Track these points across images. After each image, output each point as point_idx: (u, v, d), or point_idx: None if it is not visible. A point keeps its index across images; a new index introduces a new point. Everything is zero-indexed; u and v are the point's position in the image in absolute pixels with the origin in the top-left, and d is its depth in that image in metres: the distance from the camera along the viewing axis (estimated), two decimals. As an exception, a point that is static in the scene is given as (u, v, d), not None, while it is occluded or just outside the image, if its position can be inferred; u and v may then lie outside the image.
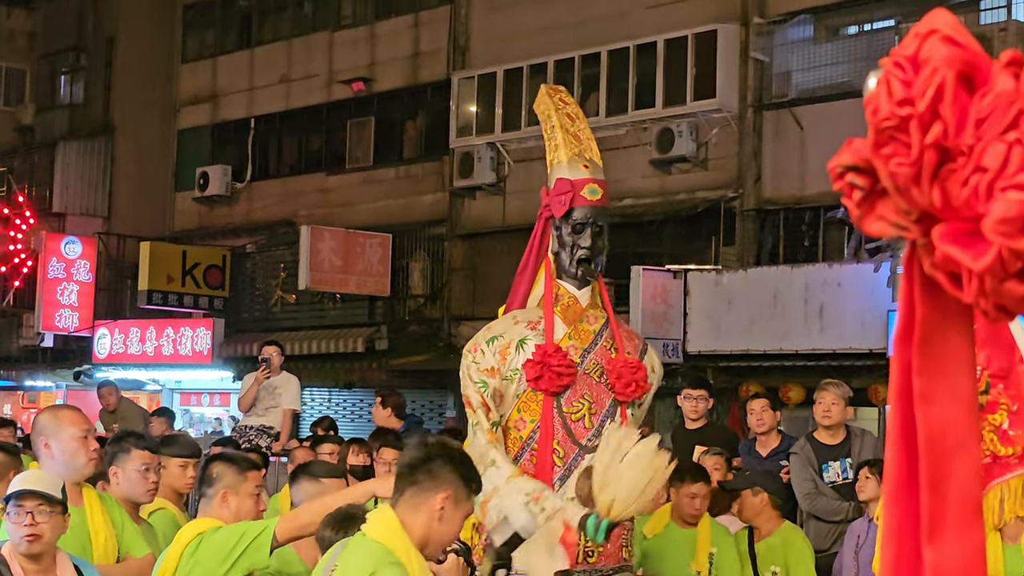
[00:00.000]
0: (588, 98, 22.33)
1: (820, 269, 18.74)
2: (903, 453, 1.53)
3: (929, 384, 1.50)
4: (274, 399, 13.25)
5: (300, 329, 25.97)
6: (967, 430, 1.50)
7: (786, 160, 20.37)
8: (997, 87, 1.37)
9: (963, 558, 1.49)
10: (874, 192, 1.46)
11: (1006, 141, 1.35)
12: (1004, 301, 1.40)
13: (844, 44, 20.41)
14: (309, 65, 27.55)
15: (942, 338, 1.50)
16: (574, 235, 6.62)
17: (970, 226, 1.38)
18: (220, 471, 5.87)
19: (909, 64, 1.40)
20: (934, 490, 1.49)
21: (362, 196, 26.11)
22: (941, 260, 1.41)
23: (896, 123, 1.40)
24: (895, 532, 1.54)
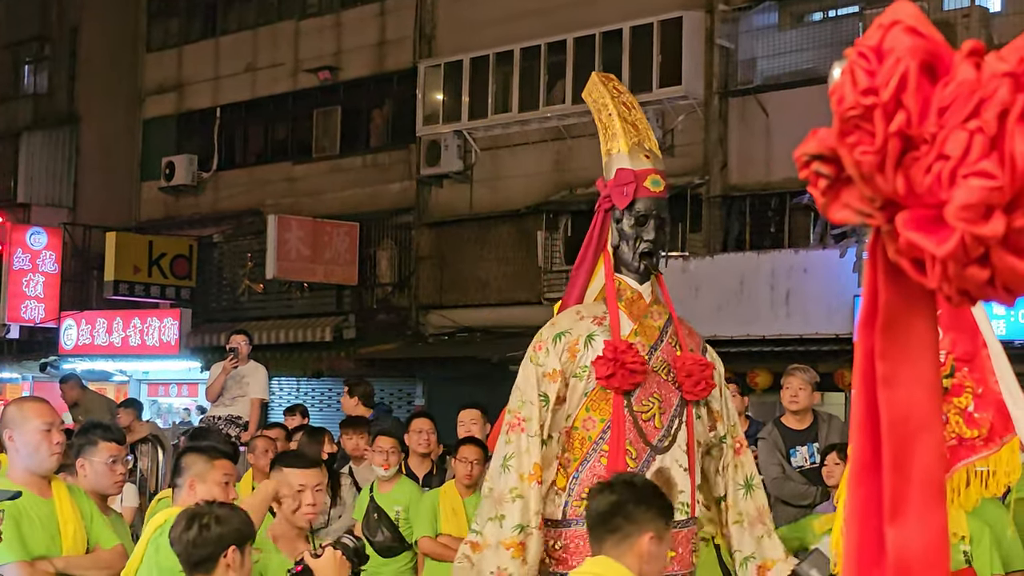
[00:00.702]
0: (554, 86, 22.35)
1: (786, 255, 18.83)
2: (866, 436, 1.56)
3: (892, 368, 1.52)
4: (242, 388, 13.24)
5: (268, 319, 25.93)
6: (930, 413, 1.53)
7: (752, 146, 20.44)
8: (959, 76, 1.40)
9: (926, 539, 1.51)
10: (839, 180, 1.48)
11: (968, 129, 1.38)
12: (967, 286, 1.42)
13: (808, 31, 20.47)
14: (275, 54, 27.48)
15: (906, 323, 1.52)
16: (637, 227, 6.32)
17: (933, 213, 1.40)
18: (190, 460, 5.88)
19: (873, 54, 1.43)
20: (897, 471, 1.52)
21: (329, 185, 26.08)
22: (905, 246, 1.43)
23: (860, 112, 1.42)
24: (858, 513, 1.56)
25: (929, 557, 1.51)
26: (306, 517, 6.09)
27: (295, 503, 6.01)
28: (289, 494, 6.01)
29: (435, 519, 9.43)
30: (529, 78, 22.55)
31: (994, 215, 1.38)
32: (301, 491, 6.02)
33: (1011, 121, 1.37)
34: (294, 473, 6.06)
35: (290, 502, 6.02)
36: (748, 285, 18.82)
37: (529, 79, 22.55)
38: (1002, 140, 1.38)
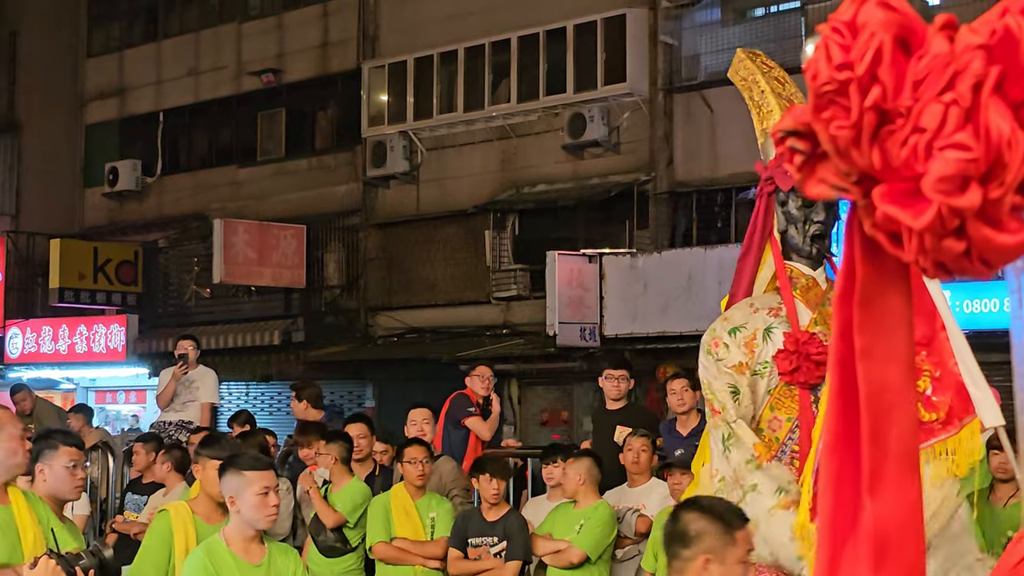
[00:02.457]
0: (499, 85, 22.36)
1: (733, 250, 18.75)
2: (841, 407, 1.57)
3: (870, 341, 1.54)
4: (192, 393, 13.20)
5: (215, 323, 25.78)
6: (904, 387, 1.54)
7: (697, 142, 20.52)
8: (933, 50, 1.41)
9: (902, 509, 1.53)
10: (815, 156, 1.49)
11: (943, 102, 1.39)
12: (943, 258, 1.44)
13: (751, 26, 20.57)
14: (217, 57, 27.34)
15: (882, 297, 1.54)
16: (805, 208, 5.93)
17: (910, 186, 1.42)
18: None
19: (847, 29, 1.44)
20: (875, 444, 1.53)
21: (275, 188, 25.97)
22: (882, 220, 1.45)
23: (836, 87, 1.43)
24: (833, 483, 1.58)
25: (906, 528, 1.53)
26: (270, 519, 6.12)
27: (260, 505, 6.01)
28: (251, 497, 6.00)
29: (388, 523, 9.38)
30: (474, 78, 22.55)
31: (970, 187, 1.39)
32: (265, 494, 6.02)
33: (985, 93, 1.39)
34: (257, 475, 6.06)
35: (251, 504, 6.00)
36: (696, 280, 18.88)
37: (474, 79, 22.55)
38: (977, 112, 1.39)
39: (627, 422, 10.37)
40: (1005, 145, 1.38)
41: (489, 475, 9.30)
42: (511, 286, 22.03)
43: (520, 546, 9.12)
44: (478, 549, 9.21)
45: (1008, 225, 1.42)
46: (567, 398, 21.50)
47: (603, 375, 10.86)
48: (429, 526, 9.40)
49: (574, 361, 19.91)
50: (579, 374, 19.56)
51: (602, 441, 10.56)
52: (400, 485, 9.55)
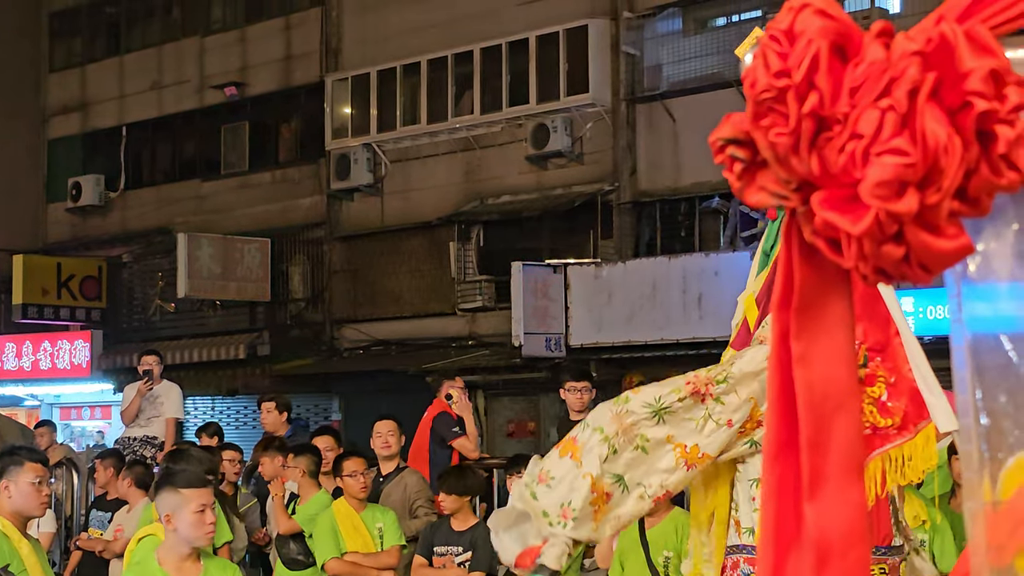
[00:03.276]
0: (462, 97, 22.38)
1: (697, 259, 18.97)
2: (782, 415, 1.57)
3: (807, 347, 1.54)
4: (156, 409, 13.13)
5: (180, 338, 25.71)
6: (847, 390, 1.55)
7: (660, 152, 20.57)
8: (869, 56, 1.42)
9: (845, 515, 1.53)
10: (754, 163, 1.50)
11: (879, 108, 1.40)
12: (883, 264, 1.44)
13: (712, 36, 20.65)
14: (180, 71, 27.28)
15: (821, 303, 1.54)
16: None
17: (848, 192, 1.42)
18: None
19: (784, 37, 1.45)
20: (815, 449, 1.53)
21: (239, 201, 25.92)
22: (821, 226, 1.45)
23: (774, 94, 1.44)
24: (775, 492, 1.58)
25: (849, 534, 1.53)
26: (207, 536, 6.04)
27: (197, 523, 5.94)
28: (188, 515, 5.93)
29: (338, 538, 9.32)
30: (437, 89, 22.57)
31: (908, 192, 1.40)
32: (202, 511, 5.96)
33: (921, 99, 1.40)
34: (194, 493, 5.99)
35: (188, 522, 5.94)
36: (660, 290, 18.94)
37: (437, 90, 22.57)
38: (913, 118, 1.40)
39: (592, 432, 10.37)
40: (942, 150, 1.39)
41: (446, 493, 9.31)
42: (476, 297, 22.03)
43: (486, 558, 9.11)
44: (443, 558, 9.20)
45: (946, 230, 1.43)
46: (533, 409, 21.50)
47: (565, 387, 10.85)
48: (377, 537, 9.36)
49: (540, 371, 19.93)
50: (545, 384, 19.56)
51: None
52: (342, 500, 9.46)
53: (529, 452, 15.08)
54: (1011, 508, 1.54)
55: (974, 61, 1.40)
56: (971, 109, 1.40)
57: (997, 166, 1.42)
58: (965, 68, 1.41)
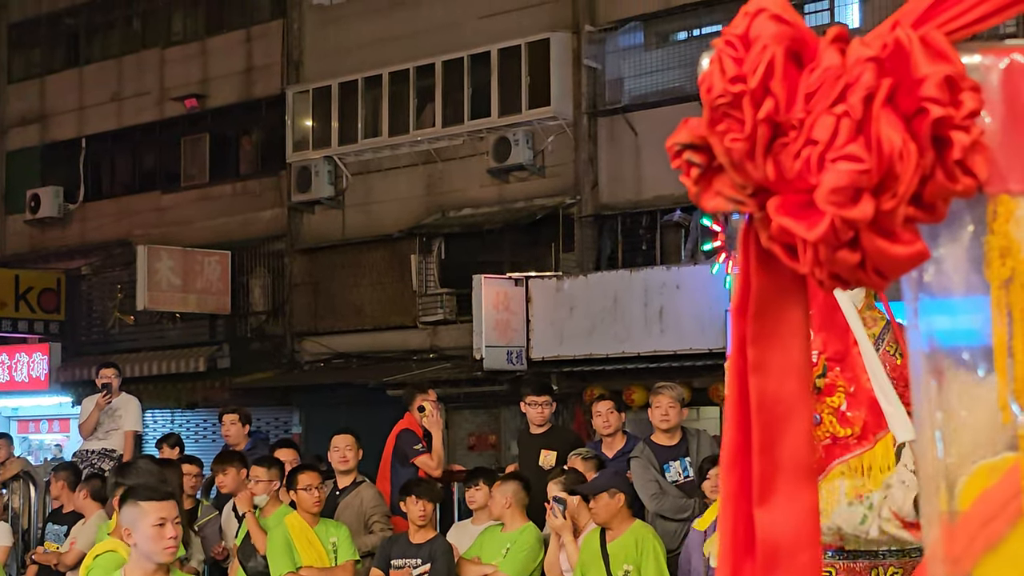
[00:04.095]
0: (424, 109, 22.36)
1: (658, 272, 18.99)
2: (739, 422, 1.57)
3: (762, 354, 1.54)
4: (115, 422, 13.05)
5: (140, 350, 25.57)
6: (799, 398, 1.54)
7: (621, 165, 20.60)
8: (824, 62, 1.42)
9: (794, 519, 1.52)
10: (710, 169, 1.50)
11: (834, 114, 1.40)
12: (838, 269, 1.44)
13: (674, 50, 20.70)
14: (140, 82, 27.15)
15: (777, 310, 1.54)
16: None
17: (804, 198, 1.42)
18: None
19: (740, 42, 1.44)
20: (765, 454, 1.53)
21: (199, 213, 25.81)
22: (777, 232, 1.45)
23: (729, 100, 1.44)
24: (731, 498, 1.57)
25: (797, 538, 1.53)
26: (168, 551, 5.84)
27: (155, 536, 5.80)
28: (146, 528, 5.77)
29: (292, 553, 9.26)
30: (398, 102, 22.54)
31: (863, 198, 1.40)
32: (162, 525, 5.77)
33: (876, 105, 1.40)
34: (153, 506, 5.82)
35: (146, 536, 5.79)
36: (622, 303, 18.95)
37: (398, 103, 22.54)
38: (868, 124, 1.40)
39: (551, 445, 10.37)
40: (897, 157, 1.39)
41: (415, 497, 9.26)
42: (437, 310, 22.00)
43: (444, 570, 9.09)
44: (400, 570, 9.17)
45: (901, 236, 1.43)
46: (494, 422, 21.48)
47: (526, 401, 10.82)
48: (331, 551, 9.31)
49: (501, 385, 19.90)
50: (506, 397, 19.54)
51: (528, 464, 10.54)
52: (295, 514, 9.40)
53: (490, 465, 15.06)
54: (968, 519, 1.54)
55: (929, 67, 1.40)
56: (926, 115, 1.41)
57: (952, 172, 1.42)
58: (920, 74, 1.41)
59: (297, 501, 9.36)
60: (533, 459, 10.49)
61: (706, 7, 19.97)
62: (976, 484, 1.57)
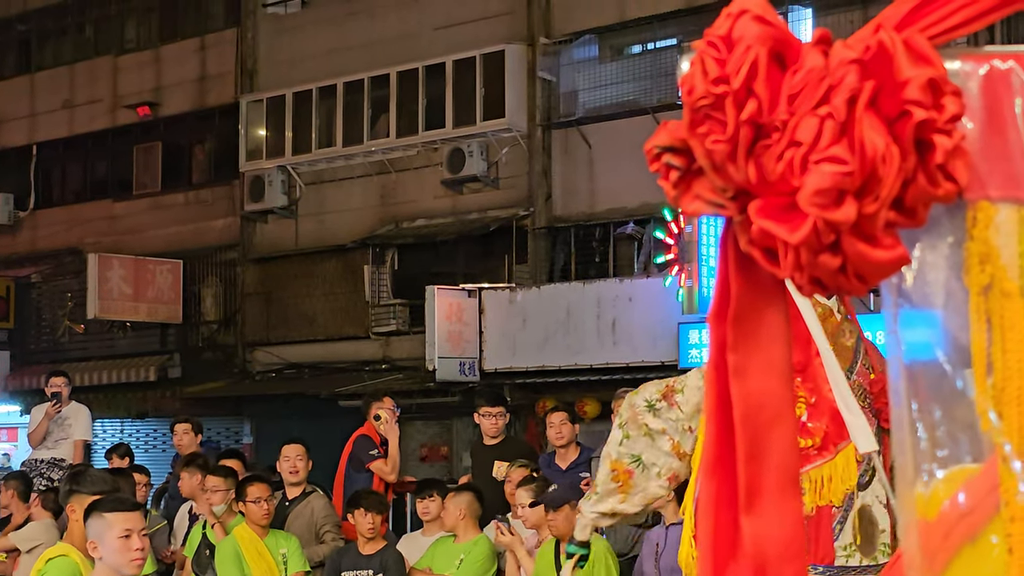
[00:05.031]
0: (378, 120, 22.32)
1: (611, 284, 19.02)
2: (719, 427, 1.55)
3: (743, 359, 1.52)
4: (64, 431, 12.94)
5: (90, 359, 25.39)
6: (783, 402, 1.53)
7: (575, 178, 20.61)
8: (807, 64, 1.41)
9: (783, 527, 1.51)
10: (690, 172, 1.48)
11: (818, 115, 1.39)
12: (819, 274, 1.43)
13: (628, 63, 20.74)
14: (93, 90, 26.98)
15: (757, 314, 1.53)
16: None
17: (786, 200, 1.41)
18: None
19: (722, 43, 1.43)
20: (752, 461, 1.51)
21: (151, 222, 25.65)
22: (757, 235, 1.44)
23: (711, 101, 1.43)
24: (713, 505, 1.56)
25: (787, 548, 1.51)
26: (135, 564, 5.73)
27: (122, 548, 5.72)
28: (112, 540, 5.66)
29: (242, 565, 9.19)
30: (352, 112, 22.49)
31: (846, 200, 1.39)
32: (127, 536, 5.67)
33: (860, 107, 1.39)
34: (119, 517, 5.72)
35: (113, 548, 5.71)
36: (575, 315, 18.96)
37: (352, 113, 22.49)
38: (852, 126, 1.39)
39: (505, 456, 10.34)
40: (879, 160, 1.38)
41: (364, 509, 9.21)
42: (390, 321, 21.95)
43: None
44: (351, 582, 9.13)
45: (883, 241, 1.42)
46: (447, 433, 21.44)
47: (479, 412, 10.79)
48: (281, 563, 9.25)
49: (454, 396, 19.88)
50: (459, 409, 19.52)
51: (481, 476, 10.51)
52: (244, 525, 9.33)
53: (442, 476, 15.02)
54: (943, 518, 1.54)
55: (912, 70, 1.40)
56: (909, 118, 1.40)
57: (934, 176, 1.41)
58: (903, 77, 1.40)
59: (246, 513, 9.28)
60: (487, 470, 10.46)
61: (660, 21, 20.03)
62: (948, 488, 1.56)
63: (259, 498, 9.21)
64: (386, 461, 10.80)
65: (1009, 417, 1.49)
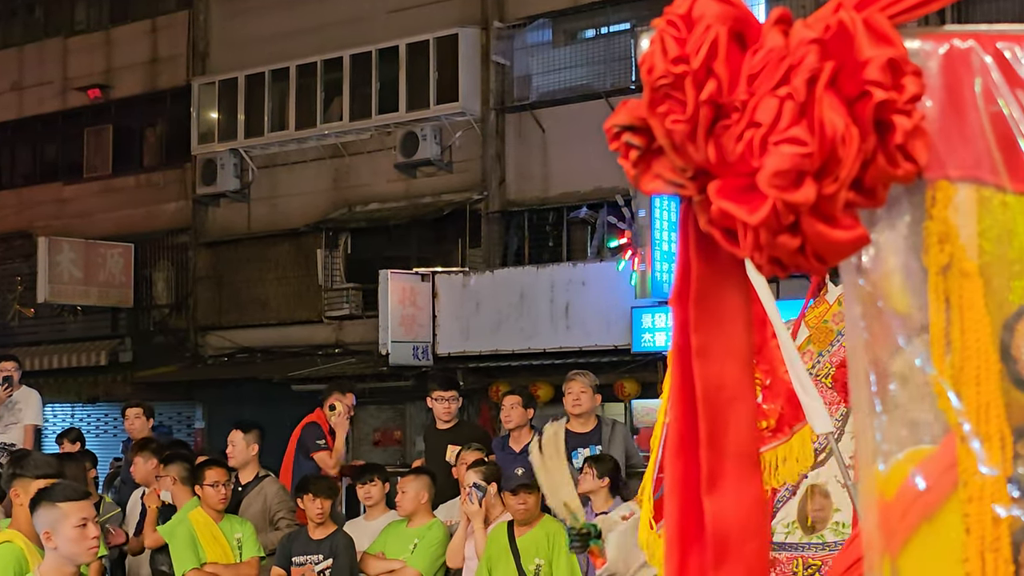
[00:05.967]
0: (331, 103, 22.24)
1: (565, 269, 19.03)
2: (684, 409, 1.55)
3: (705, 339, 1.52)
4: (14, 415, 12.82)
5: (40, 343, 25.21)
6: (742, 383, 1.53)
7: (529, 162, 20.61)
8: (768, 44, 1.41)
9: (743, 508, 1.51)
10: (650, 151, 1.48)
11: (778, 96, 1.39)
12: (778, 254, 1.43)
13: (582, 47, 20.75)
14: (42, 72, 26.75)
15: (717, 294, 1.52)
16: None
17: (745, 181, 1.41)
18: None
19: (682, 22, 1.42)
20: (712, 443, 1.52)
21: (102, 205, 25.48)
22: (717, 216, 1.43)
23: (671, 81, 1.42)
24: (678, 487, 1.56)
25: (746, 527, 1.51)
26: (91, 551, 5.74)
27: (79, 538, 5.68)
28: (68, 530, 5.64)
29: (197, 549, 9.16)
30: (306, 95, 22.40)
31: (805, 181, 1.39)
32: (84, 525, 5.66)
33: (820, 88, 1.39)
34: (73, 507, 5.70)
35: (69, 538, 5.68)
36: (528, 299, 18.98)
37: (306, 96, 22.40)
38: (811, 107, 1.39)
39: (458, 440, 10.32)
40: (839, 140, 1.38)
41: (312, 495, 9.18)
42: (343, 305, 21.90)
43: (346, 565, 9.03)
44: (302, 568, 9.09)
45: (842, 221, 1.42)
46: (400, 417, 21.42)
47: (432, 396, 10.78)
48: (236, 548, 9.22)
49: (407, 380, 19.86)
50: (412, 393, 19.50)
51: (434, 460, 10.51)
52: (199, 510, 9.30)
53: (395, 461, 15.03)
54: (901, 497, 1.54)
55: (872, 50, 1.39)
56: (869, 99, 1.40)
57: (894, 156, 1.41)
58: (863, 57, 1.40)
59: (202, 497, 9.25)
60: (440, 454, 10.45)
61: (614, 5, 20.03)
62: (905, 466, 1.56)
63: (216, 482, 9.18)
64: (330, 454, 10.78)
65: (967, 396, 1.50)
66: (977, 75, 1.50)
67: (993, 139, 1.49)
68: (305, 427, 11.13)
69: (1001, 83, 1.50)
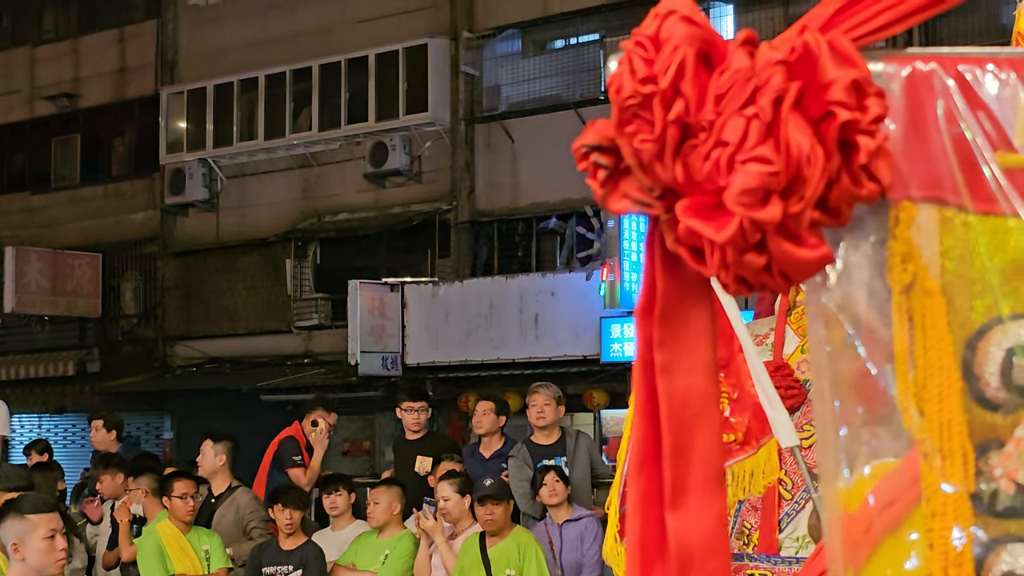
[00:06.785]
0: (300, 113, 22.22)
1: (534, 279, 19.05)
2: (648, 424, 1.56)
3: (670, 356, 1.54)
4: (-19, 426, 12.77)
5: (6, 353, 25.11)
6: (708, 399, 1.55)
7: (498, 172, 20.63)
8: (734, 64, 1.42)
9: (706, 525, 1.53)
10: (618, 171, 1.49)
11: (744, 116, 1.40)
12: (744, 272, 1.45)
13: (551, 58, 20.79)
14: (10, 81, 26.65)
15: (683, 312, 1.54)
16: None
17: (712, 199, 1.42)
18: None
19: (650, 43, 1.44)
20: (677, 459, 1.53)
21: (69, 215, 25.39)
22: (684, 234, 1.45)
23: (639, 101, 1.44)
24: (641, 503, 1.57)
25: (710, 544, 1.53)
26: (59, 564, 5.75)
27: (47, 550, 5.67)
28: (37, 542, 5.63)
29: (164, 560, 9.14)
30: (275, 105, 22.38)
31: (771, 200, 1.40)
32: (52, 537, 5.66)
33: (786, 108, 1.40)
34: (43, 519, 5.70)
35: (38, 550, 5.67)
36: (497, 309, 18.99)
37: (275, 106, 22.38)
38: (777, 126, 1.40)
39: (427, 451, 10.34)
40: (805, 160, 1.40)
41: (282, 505, 9.17)
42: (312, 315, 21.87)
43: (316, 575, 9.03)
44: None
45: (807, 240, 1.44)
46: (369, 428, 21.40)
47: (401, 407, 10.79)
48: (204, 559, 9.21)
49: (376, 390, 19.84)
50: (381, 403, 19.49)
51: (403, 470, 10.51)
52: (167, 522, 9.28)
53: (364, 471, 15.00)
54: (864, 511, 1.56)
55: (837, 71, 1.41)
56: (834, 119, 1.42)
57: (858, 176, 1.43)
58: (828, 78, 1.42)
59: (170, 508, 9.23)
60: (409, 465, 10.46)
61: (583, 16, 20.08)
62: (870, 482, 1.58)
63: (184, 494, 9.17)
64: (305, 471, 10.76)
65: (930, 414, 1.52)
66: (939, 97, 1.52)
67: (955, 160, 1.51)
68: (282, 441, 11.10)
69: (963, 105, 1.52)
